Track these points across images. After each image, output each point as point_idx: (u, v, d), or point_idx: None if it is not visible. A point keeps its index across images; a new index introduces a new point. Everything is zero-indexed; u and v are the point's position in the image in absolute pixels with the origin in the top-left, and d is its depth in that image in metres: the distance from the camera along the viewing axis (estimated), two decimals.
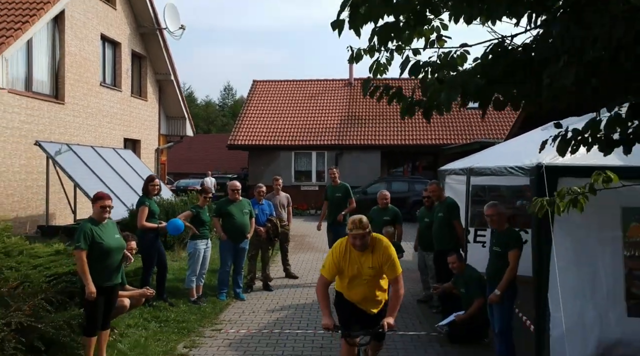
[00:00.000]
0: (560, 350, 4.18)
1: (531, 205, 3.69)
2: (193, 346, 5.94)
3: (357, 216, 4.15)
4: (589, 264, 4.21)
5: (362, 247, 4.08)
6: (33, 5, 11.41)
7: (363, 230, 4.03)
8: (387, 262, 4.13)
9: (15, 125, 11.29)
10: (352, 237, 4.08)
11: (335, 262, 4.19)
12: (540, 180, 4.21)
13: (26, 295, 5.05)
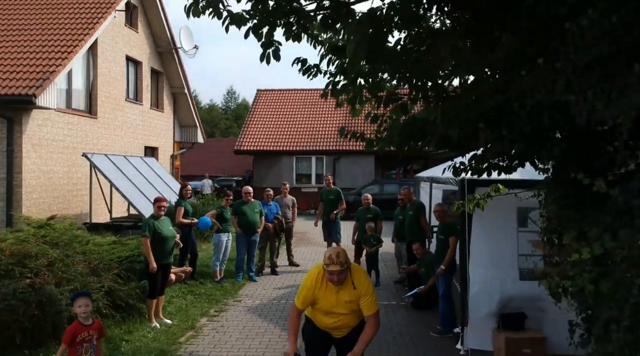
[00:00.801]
0: (476, 303, 6.21)
1: (451, 206, 5.79)
2: (221, 311, 7.99)
3: (335, 250, 3.89)
4: (495, 245, 6.22)
5: (339, 282, 3.86)
6: (75, 36, 13.44)
7: (341, 266, 3.79)
8: (365, 296, 3.93)
9: (59, 138, 13.33)
10: (328, 273, 3.83)
11: (310, 293, 3.98)
12: (463, 189, 6.23)
13: (105, 270, 7.10)
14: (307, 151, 24.66)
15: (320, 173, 24.60)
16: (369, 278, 4.12)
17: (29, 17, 14.45)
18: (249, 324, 7.36)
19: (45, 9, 14.85)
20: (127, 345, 6.24)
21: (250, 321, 7.51)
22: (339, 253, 3.85)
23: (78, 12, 14.57)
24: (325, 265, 3.83)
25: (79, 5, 14.88)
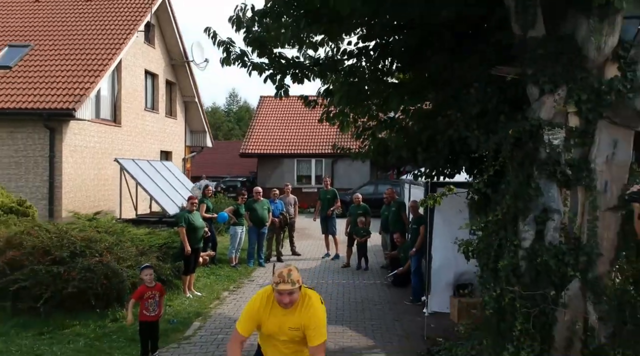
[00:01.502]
0: (437, 277, 8.15)
1: (420, 202, 7.76)
2: (238, 287, 9.94)
3: (286, 267, 3.48)
4: (451, 232, 8.15)
5: (290, 304, 3.44)
6: (105, 56, 15.35)
7: (291, 285, 3.39)
8: (311, 326, 3.49)
9: (91, 145, 15.26)
10: (277, 293, 3.42)
11: (253, 315, 3.56)
12: (427, 189, 8.17)
13: (149, 252, 9.03)
14: (307, 154, 26.59)
15: (319, 174, 26.50)
16: (323, 308, 3.62)
17: (64, 40, 16.37)
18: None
19: (78, 31, 16.77)
20: (170, 308, 8.17)
21: None
22: (290, 270, 3.43)
23: (106, 34, 16.50)
24: (275, 283, 3.41)
25: (107, 27, 16.81)
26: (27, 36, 16.66)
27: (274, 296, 3.48)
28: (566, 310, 4.36)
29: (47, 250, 7.93)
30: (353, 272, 11.50)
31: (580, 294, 4.37)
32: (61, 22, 17.32)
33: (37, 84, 14.50)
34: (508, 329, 4.38)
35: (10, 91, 14.33)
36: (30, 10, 18.11)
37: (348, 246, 12.10)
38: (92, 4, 18.26)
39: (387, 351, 6.61)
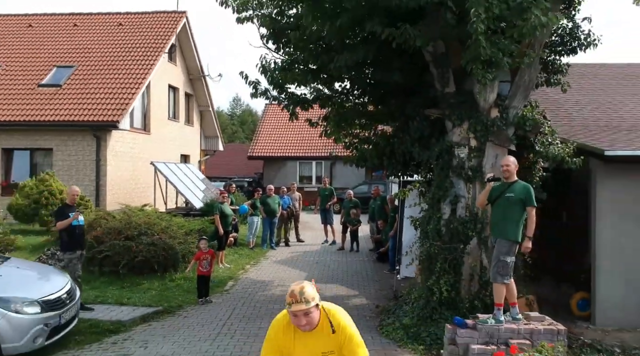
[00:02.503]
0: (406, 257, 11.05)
1: (394, 195, 10.72)
2: (257, 263, 12.82)
3: (298, 284, 3.00)
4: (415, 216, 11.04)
5: (309, 326, 2.99)
6: (138, 75, 18.25)
7: (306, 304, 2.91)
8: (347, 344, 3.06)
9: (126, 151, 18.15)
10: (292, 314, 2.96)
11: (275, 345, 3.11)
12: (399, 186, 11.08)
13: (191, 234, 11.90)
14: (308, 157, 29.47)
15: (319, 175, 29.34)
16: (349, 318, 3.19)
17: (102, 61, 19.26)
18: (274, 267, 12.25)
19: (113, 52, 19.64)
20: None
21: (274, 266, 12.39)
22: (302, 287, 2.97)
23: (137, 55, 19.38)
24: (287, 304, 2.96)
25: (137, 49, 19.70)
26: (70, 57, 19.56)
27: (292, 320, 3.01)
28: (468, 256, 7.24)
29: (120, 231, 10.84)
30: (346, 253, 14.40)
31: (477, 247, 7.24)
32: (98, 45, 20.21)
33: (84, 99, 17.40)
34: (433, 267, 7.27)
35: (62, 106, 17.25)
36: (71, 33, 21.02)
37: (342, 233, 15.00)
38: (123, 28, 21.18)
39: (366, 297, 9.54)
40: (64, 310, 6.81)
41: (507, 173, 6.03)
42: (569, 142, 7.76)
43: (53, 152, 17.06)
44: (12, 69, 18.99)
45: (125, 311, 8.47)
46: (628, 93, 12.42)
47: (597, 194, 7.67)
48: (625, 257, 7.56)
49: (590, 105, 11.69)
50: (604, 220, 7.64)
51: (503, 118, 7.20)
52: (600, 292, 7.69)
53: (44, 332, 6.44)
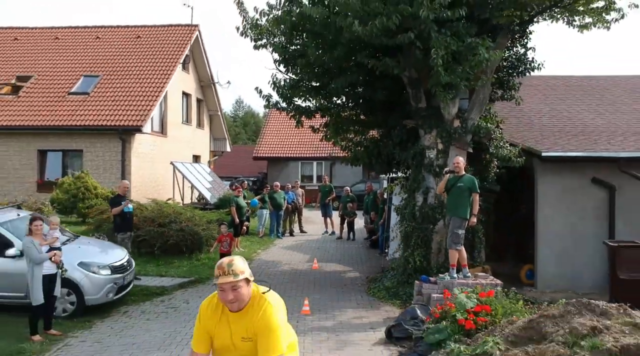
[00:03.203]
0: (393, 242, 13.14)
1: (383, 189, 12.87)
2: (266, 248, 14.93)
3: (227, 259, 2.80)
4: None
5: (236, 302, 2.75)
6: (158, 83, 20.35)
7: (234, 277, 2.71)
8: (261, 331, 2.77)
9: (147, 152, 20.24)
10: (219, 289, 2.76)
11: (204, 326, 2.90)
12: (388, 182, 13.18)
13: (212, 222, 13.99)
14: (310, 158, 31.56)
15: (320, 174, 31.41)
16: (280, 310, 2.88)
17: (124, 70, 21.37)
18: (281, 251, 14.38)
19: (133, 62, 21.74)
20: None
21: (282, 251, 14.52)
22: (232, 260, 2.75)
23: (155, 65, 21.47)
24: (215, 277, 2.75)
25: (155, 60, 21.80)
26: (95, 67, 21.65)
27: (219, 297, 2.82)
28: (436, 234, 9.33)
29: (153, 219, 12.93)
30: (344, 242, 16.50)
31: (443, 227, 9.33)
32: (119, 56, 22.30)
33: (110, 106, 19.48)
34: (409, 243, 9.37)
35: (90, 111, 19.35)
36: (94, 45, 23.12)
37: (340, 224, 17.11)
38: (141, 40, 23.29)
39: (359, 272, 11.66)
40: (126, 273, 8.94)
41: (458, 169, 8.12)
42: (516, 145, 9.86)
43: (83, 153, 19.14)
44: (43, 78, 21.09)
45: (165, 280, 10.59)
46: (584, 102, 14.52)
47: (537, 187, 9.81)
48: (559, 237, 9.68)
49: (550, 113, 13.76)
50: (543, 208, 9.77)
51: (463, 127, 9.31)
52: (541, 264, 9.81)
53: (113, 289, 8.56)
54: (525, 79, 12.82)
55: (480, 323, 5.84)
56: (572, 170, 9.73)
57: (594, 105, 14.30)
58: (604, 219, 9.59)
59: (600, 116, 13.32)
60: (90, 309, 8.38)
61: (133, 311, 8.74)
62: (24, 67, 21.78)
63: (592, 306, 5.07)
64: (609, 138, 11.22)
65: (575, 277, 9.50)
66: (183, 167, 19.61)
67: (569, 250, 9.64)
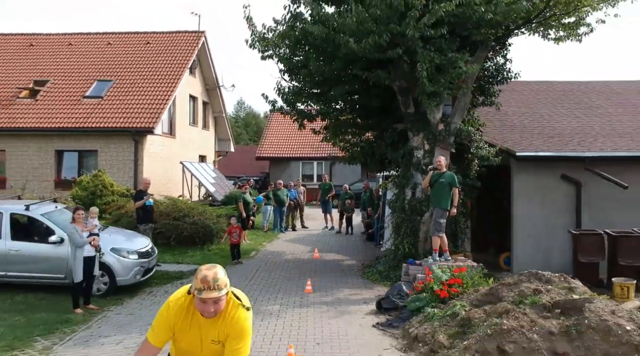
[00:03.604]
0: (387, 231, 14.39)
1: (378, 186, 14.15)
2: (271, 241, 16.18)
3: (212, 269, 2.85)
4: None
5: (215, 314, 2.87)
6: (167, 87, 21.59)
7: (218, 292, 2.78)
8: (231, 338, 2.91)
9: (158, 152, 21.48)
10: (200, 301, 2.80)
11: (169, 323, 2.94)
12: (382, 179, 14.42)
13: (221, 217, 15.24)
14: (310, 158, 32.81)
15: (320, 174, 32.64)
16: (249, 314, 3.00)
17: (135, 75, 22.61)
18: (285, 243, 15.63)
19: (143, 67, 22.98)
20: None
21: (285, 243, 15.77)
22: (216, 274, 2.82)
23: (164, 70, 22.70)
24: (197, 290, 2.79)
25: (164, 65, 23.03)
26: (108, 72, 22.88)
27: (194, 304, 2.86)
28: (423, 225, 10.58)
29: (168, 213, 14.19)
30: (342, 235, 17.76)
31: (429, 218, 10.57)
32: (130, 61, 23.53)
33: (123, 108, 20.70)
34: (400, 232, 10.62)
35: (104, 114, 20.57)
36: (106, 51, 24.35)
37: (339, 219, 18.36)
38: (151, 46, 24.52)
39: (355, 260, 12.91)
40: (150, 259, 10.20)
41: (440, 166, 9.37)
42: (495, 145, 11.11)
43: (98, 153, 20.37)
44: (59, 83, 22.34)
45: (182, 267, 11.85)
46: (563, 106, 15.77)
47: (513, 183, 11.06)
48: (532, 227, 10.93)
49: (531, 116, 15.01)
50: (518, 201, 11.02)
51: (446, 130, 10.56)
52: (517, 251, 11.06)
53: (140, 271, 9.80)
54: (511, 85, 14.14)
55: (452, 293, 7.08)
56: (544, 168, 10.98)
57: (572, 109, 15.56)
58: (572, 211, 10.84)
59: (576, 119, 14.58)
60: (121, 289, 9.62)
61: (157, 291, 9.98)
62: (40, 72, 23.01)
63: (539, 276, 6.32)
64: (580, 140, 12.48)
65: (546, 262, 10.72)
66: (192, 166, 20.87)
67: (541, 238, 10.89)
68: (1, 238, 9.47)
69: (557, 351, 5.00)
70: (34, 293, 9.47)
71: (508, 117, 15.04)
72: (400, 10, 9.02)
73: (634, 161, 10.76)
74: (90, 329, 7.72)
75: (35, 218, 9.76)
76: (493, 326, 5.35)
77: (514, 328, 5.24)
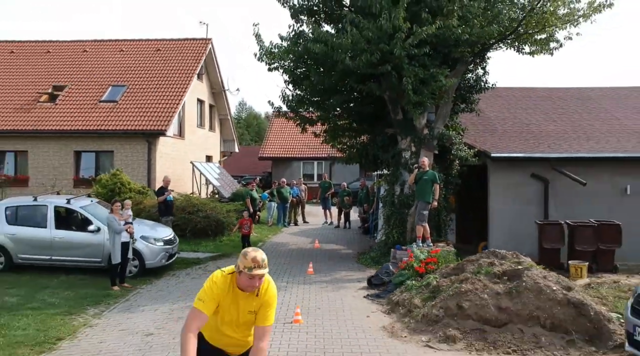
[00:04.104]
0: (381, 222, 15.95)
1: (373, 184, 15.76)
2: (276, 234, 17.75)
3: (258, 251, 3.44)
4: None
5: (257, 288, 3.46)
6: (178, 92, 23.14)
7: (264, 270, 3.39)
8: (265, 306, 3.51)
9: (169, 152, 23.03)
10: (248, 277, 3.36)
11: (216, 298, 3.44)
12: (377, 177, 15.98)
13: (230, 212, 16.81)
14: (311, 157, 34.37)
15: (320, 173, 34.21)
16: (276, 290, 3.62)
17: (147, 81, 24.16)
18: (289, 236, 17.20)
19: (154, 73, 24.54)
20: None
21: (289, 236, 17.34)
22: (262, 255, 3.41)
23: (174, 76, 24.26)
24: (247, 268, 3.34)
25: (174, 71, 24.59)
26: (121, 78, 24.44)
27: (234, 283, 3.45)
28: (410, 217, 12.13)
29: (184, 208, 15.75)
30: (341, 229, 19.33)
31: (414, 210, 12.13)
32: (142, 67, 25.09)
33: (137, 112, 22.25)
34: (390, 223, 12.17)
35: (119, 117, 22.13)
36: (118, 57, 25.91)
37: (338, 214, 19.93)
38: (161, 53, 26.08)
39: (352, 250, 14.48)
40: (173, 246, 11.77)
41: (423, 166, 10.92)
42: (474, 147, 12.66)
43: (114, 153, 21.94)
44: (76, 88, 23.90)
45: (199, 254, 13.43)
46: (542, 111, 17.33)
47: (489, 181, 12.62)
48: (506, 219, 12.48)
49: (512, 120, 16.57)
50: (494, 197, 12.58)
51: (430, 134, 12.12)
52: (492, 240, 12.60)
53: (165, 256, 11.37)
54: (495, 91, 15.75)
55: (429, 269, 8.65)
56: (516, 168, 12.54)
57: (550, 114, 17.12)
58: (540, 205, 12.40)
59: (552, 123, 16.14)
60: (148, 271, 11.18)
61: (179, 274, 11.55)
62: (58, 78, 24.57)
63: (496, 253, 7.89)
64: (552, 142, 14.03)
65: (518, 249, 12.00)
66: (201, 165, 22.44)
67: (514, 228, 12.44)
68: (47, 227, 11.05)
69: (501, 306, 6.56)
70: (74, 274, 11.04)
71: (490, 121, 16.59)
72: (389, 32, 10.57)
73: (593, 161, 12.32)
74: (129, 301, 9.29)
75: (75, 210, 11.34)
76: (454, 289, 6.91)
77: (470, 290, 6.80)
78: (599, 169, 12.42)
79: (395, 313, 7.65)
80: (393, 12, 10.46)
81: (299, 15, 12.73)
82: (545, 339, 6.23)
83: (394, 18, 10.43)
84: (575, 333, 6.25)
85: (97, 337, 7.26)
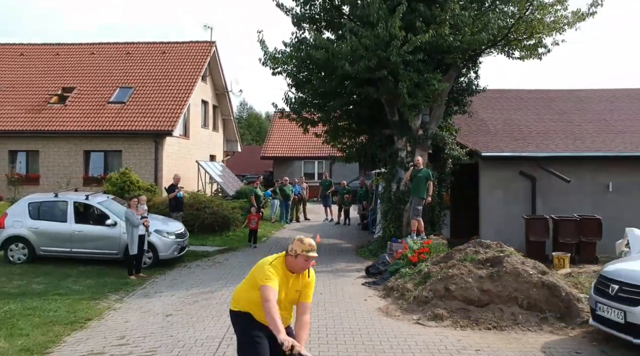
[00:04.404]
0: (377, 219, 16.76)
1: (372, 182, 16.59)
2: (278, 230, 18.57)
3: (311, 239, 4.04)
4: None
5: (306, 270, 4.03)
6: (183, 93, 23.94)
7: (316, 253, 4.00)
8: (309, 286, 4.10)
9: (175, 152, 23.84)
10: (304, 259, 3.96)
11: (277, 278, 3.93)
12: (375, 175, 16.79)
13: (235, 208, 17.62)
14: (312, 157, 35.18)
15: (321, 172, 35.04)
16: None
17: (153, 82, 24.97)
18: (291, 232, 18.00)
19: (160, 75, 25.34)
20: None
21: (291, 231, 18.15)
22: (311, 240, 4.00)
23: (180, 78, 25.07)
24: (305, 251, 3.93)
25: (179, 73, 25.40)
26: (129, 80, 25.25)
27: (284, 265, 4.00)
28: (406, 212, 12.94)
29: (191, 204, 16.56)
30: (341, 226, 20.15)
31: (410, 206, 12.95)
32: (147, 69, 25.90)
33: (144, 113, 23.06)
34: (387, 218, 12.99)
35: (127, 118, 22.94)
36: (125, 60, 26.72)
37: (338, 211, 20.76)
38: (166, 56, 26.89)
39: (351, 244, 15.30)
40: (184, 239, 12.59)
41: (418, 164, 11.73)
42: (466, 147, 13.47)
43: (122, 153, 22.76)
44: (85, 89, 24.72)
45: (207, 248, 14.25)
46: (533, 112, 18.12)
47: (480, 179, 13.43)
48: (495, 215, 13.29)
49: (504, 121, 17.36)
50: (484, 193, 13.39)
51: (425, 135, 12.93)
52: (483, 234, 13.39)
53: (177, 249, 12.19)
54: (487, 93, 16.52)
55: (421, 258, 9.46)
56: (506, 166, 13.35)
57: (541, 114, 17.91)
58: (528, 201, 13.21)
59: (542, 123, 16.94)
60: (161, 263, 11.99)
61: (190, 265, 12.36)
62: (67, 80, 25.38)
63: (482, 243, 8.70)
64: (540, 141, 14.84)
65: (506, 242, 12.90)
66: (206, 164, 23.27)
67: (503, 223, 13.25)
68: (67, 221, 11.87)
69: (483, 289, 7.37)
70: (91, 266, 11.85)
71: (484, 122, 17.39)
72: (385, 40, 11.38)
73: (577, 160, 13.14)
74: (145, 289, 10.10)
75: (92, 206, 12.16)
76: (442, 274, 7.73)
77: (457, 274, 7.61)
78: (583, 167, 13.24)
79: (390, 297, 8.46)
80: (389, 21, 11.27)
81: (301, 23, 13.55)
82: (522, 317, 7.04)
83: (390, 27, 11.24)
84: (549, 312, 7.07)
85: (121, 318, 8.08)
